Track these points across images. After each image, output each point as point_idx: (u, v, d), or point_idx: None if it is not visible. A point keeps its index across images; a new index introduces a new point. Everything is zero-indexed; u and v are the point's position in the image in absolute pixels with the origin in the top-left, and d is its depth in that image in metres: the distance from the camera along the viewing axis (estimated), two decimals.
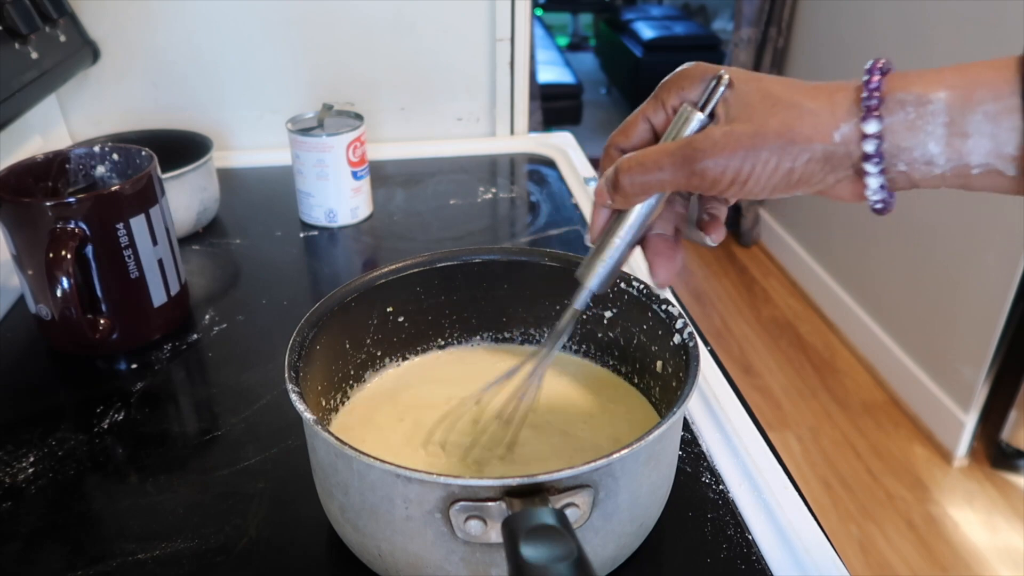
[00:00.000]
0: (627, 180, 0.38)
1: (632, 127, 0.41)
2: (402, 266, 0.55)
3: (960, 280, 1.73)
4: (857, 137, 0.34)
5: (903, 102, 0.33)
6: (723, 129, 0.36)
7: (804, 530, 0.48)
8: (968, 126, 0.32)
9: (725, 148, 0.35)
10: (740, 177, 0.35)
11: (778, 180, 0.35)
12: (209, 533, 0.48)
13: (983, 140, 0.32)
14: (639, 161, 0.38)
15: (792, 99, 0.35)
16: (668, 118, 0.39)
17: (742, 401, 0.60)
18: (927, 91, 0.33)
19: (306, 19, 0.99)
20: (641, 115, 0.40)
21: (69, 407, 0.60)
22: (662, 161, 0.37)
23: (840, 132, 0.34)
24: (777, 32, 2.36)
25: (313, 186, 0.84)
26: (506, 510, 0.36)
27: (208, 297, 0.74)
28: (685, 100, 0.39)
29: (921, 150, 0.33)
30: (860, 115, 0.33)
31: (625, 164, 0.38)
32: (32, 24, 0.79)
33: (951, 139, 0.32)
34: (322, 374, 0.50)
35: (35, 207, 0.59)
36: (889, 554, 1.56)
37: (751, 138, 0.35)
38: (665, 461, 0.44)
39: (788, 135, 0.34)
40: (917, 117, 0.33)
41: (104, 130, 0.91)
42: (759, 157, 0.35)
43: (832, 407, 1.96)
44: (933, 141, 0.33)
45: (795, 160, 0.35)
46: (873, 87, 0.33)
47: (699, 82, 0.38)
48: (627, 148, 0.41)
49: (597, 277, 0.42)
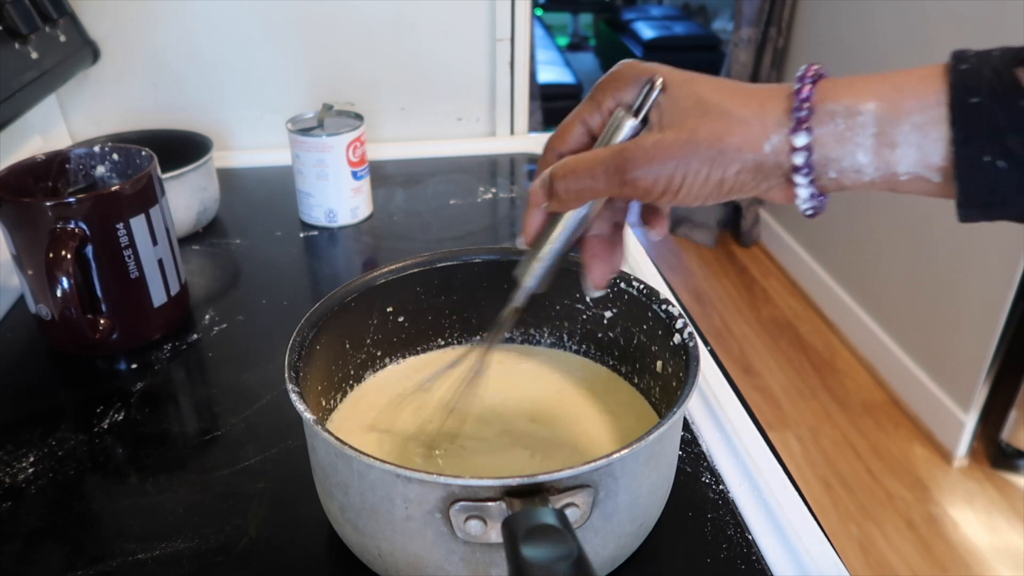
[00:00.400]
0: (561, 186, 0.38)
1: (568, 130, 0.40)
2: (402, 266, 0.55)
3: (960, 280, 1.73)
4: (787, 148, 0.33)
5: (833, 113, 0.33)
6: (654, 138, 0.35)
7: (804, 530, 0.48)
8: (896, 137, 0.32)
9: (655, 158, 0.35)
10: (672, 186, 0.35)
11: (710, 189, 0.35)
12: (209, 533, 0.48)
13: (910, 150, 0.32)
14: (572, 168, 0.37)
15: (724, 106, 0.34)
16: (604, 121, 0.39)
17: (742, 401, 0.60)
18: (856, 102, 0.33)
19: (306, 19, 0.99)
20: (577, 118, 0.40)
21: (69, 407, 0.60)
22: (595, 169, 0.37)
23: (770, 143, 0.34)
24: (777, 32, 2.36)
25: (313, 186, 0.84)
26: (506, 510, 0.36)
27: (208, 297, 0.74)
28: (620, 102, 0.38)
29: (850, 160, 0.33)
30: (790, 127, 0.33)
31: (560, 171, 0.38)
32: (32, 24, 0.79)
33: (879, 149, 0.33)
34: (322, 374, 0.50)
35: (35, 207, 0.59)
36: (889, 554, 1.56)
37: (681, 147, 0.34)
38: (665, 461, 0.44)
39: (718, 145, 0.34)
40: (846, 128, 0.33)
41: (104, 130, 0.91)
42: (690, 167, 0.34)
43: (832, 407, 1.96)
44: (862, 151, 0.33)
45: (725, 170, 0.34)
46: (803, 97, 0.33)
47: (633, 84, 0.38)
48: (564, 151, 0.40)
49: (534, 277, 0.42)
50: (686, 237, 2.73)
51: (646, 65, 0.38)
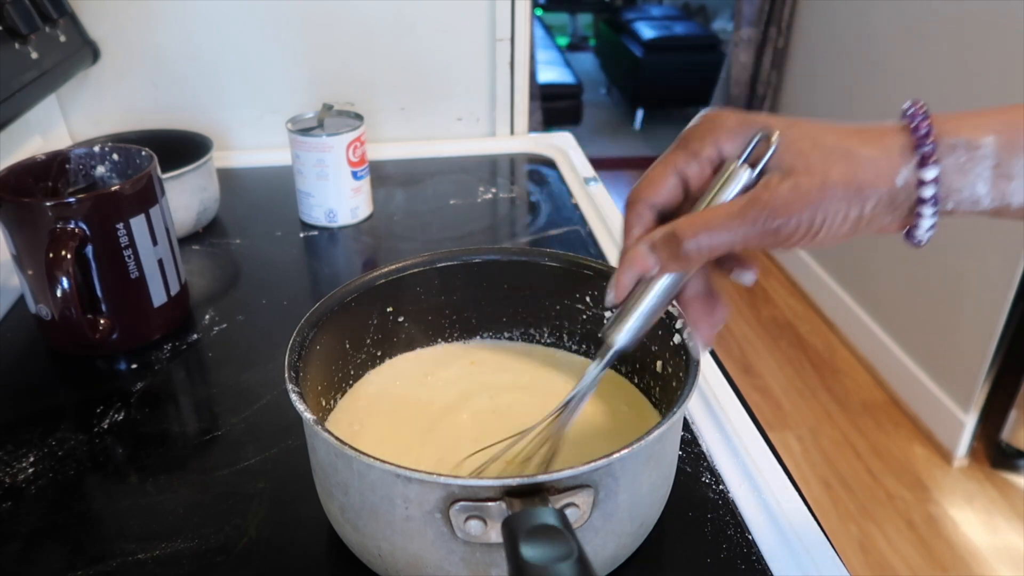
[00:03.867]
0: (693, 245, 0.36)
1: (660, 180, 0.39)
2: (402, 266, 0.54)
3: (960, 280, 1.73)
4: (916, 182, 0.35)
5: (954, 147, 0.34)
6: (789, 184, 0.35)
7: (804, 530, 0.48)
8: (1013, 169, 0.34)
9: (795, 203, 0.35)
10: (812, 230, 0.36)
11: (848, 228, 0.36)
12: (209, 533, 0.48)
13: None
14: (706, 226, 0.36)
15: (845, 146, 0.35)
16: (703, 171, 0.38)
17: (742, 401, 0.60)
18: (976, 136, 0.34)
19: (306, 19, 0.99)
20: (670, 167, 0.39)
21: (69, 407, 0.60)
22: (731, 223, 0.36)
23: (901, 176, 0.35)
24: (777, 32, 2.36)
25: (313, 186, 0.84)
26: (506, 510, 0.36)
27: (208, 297, 0.74)
28: (722, 152, 0.38)
29: (970, 191, 0.35)
30: (917, 161, 0.35)
31: (688, 229, 0.36)
32: (32, 24, 0.79)
33: (997, 180, 0.35)
34: (322, 374, 0.50)
35: (35, 207, 0.59)
36: (889, 554, 1.56)
37: (819, 191, 0.35)
38: (665, 461, 0.44)
39: (854, 184, 0.35)
40: (967, 161, 0.34)
41: (104, 130, 0.91)
42: (829, 209, 0.35)
43: (832, 407, 1.96)
44: (981, 182, 0.35)
45: (863, 207, 0.35)
46: (923, 133, 0.35)
47: (736, 134, 0.37)
48: (656, 202, 0.39)
49: (629, 336, 0.41)
50: None
51: (745, 114, 0.38)
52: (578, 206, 0.90)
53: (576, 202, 0.91)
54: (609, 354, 0.42)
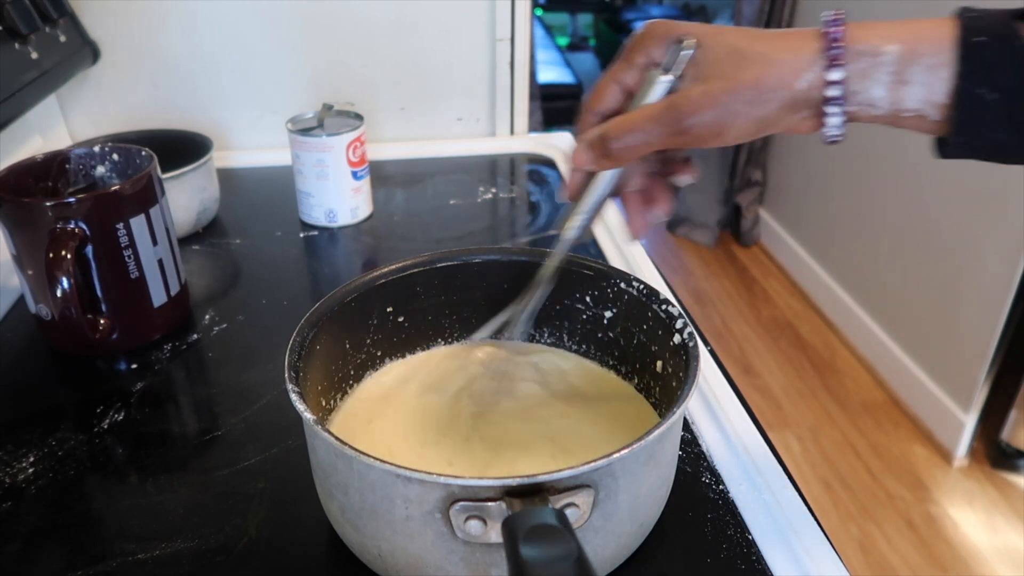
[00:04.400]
0: (616, 144, 0.40)
1: (604, 89, 0.43)
2: (402, 266, 0.54)
3: (960, 280, 1.73)
4: (820, 83, 0.38)
5: (861, 53, 0.37)
6: (700, 88, 0.39)
7: (804, 530, 0.48)
8: (910, 76, 0.37)
9: (705, 106, 0.38)
10: (719, 129, 0.39)
11: (752, 127, 0.39)
12: (209, 533, 0.48)
13: (919, 88, 0.37)
14: (628, 127, 0.40)
15: (758, 51, 0.38)
16: (639, 78, 0.42)
17: (742, 401, 0.60)
18: (881, 44, 0.37)
19: (306, 19, 0.99)
20: (612, 77, 0.43)
21: (69, 407, 0.60)
22: (648, 124, 0.40)
23: (804, 80, 0.38)
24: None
25: (313, 186, 0.84)
26: (506, 510, 0.36)
27: (208, 297, 0.74)
28: (652, 59, 0.41)
29: (866, 94, 0.38)
30: (824, 64, 0.37)
31: (614, 130, 0.41)
32: (32, 24, 0.79)
33: (894, 86, 0.37)
34: (322, 374, 0.50)
35: (35, 207, 0.59)
36: (889, 554, 1.56)
37: (727, 93, 0.38)
38: (665, 461, 0.44)
39: (758, 87, 0.38)
40: (870, 67, 0.37)
41: (104, 130, 0.91)
42: (737, 110, 0.38)
43: (832, 407, 1.96)
44: (879, 87, 0.37)
45: (766, 108, 0.38)
46: (835, 37, 0.37)
47: (664, 42, 0.41)
48: (602, 110, 0.43)
49: (577, 228, 0.46)
50: (686, 237, 2.73)
51: (674, 24, 0.41)
52: None
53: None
54: (562, 244, 0.47)
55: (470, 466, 0.48)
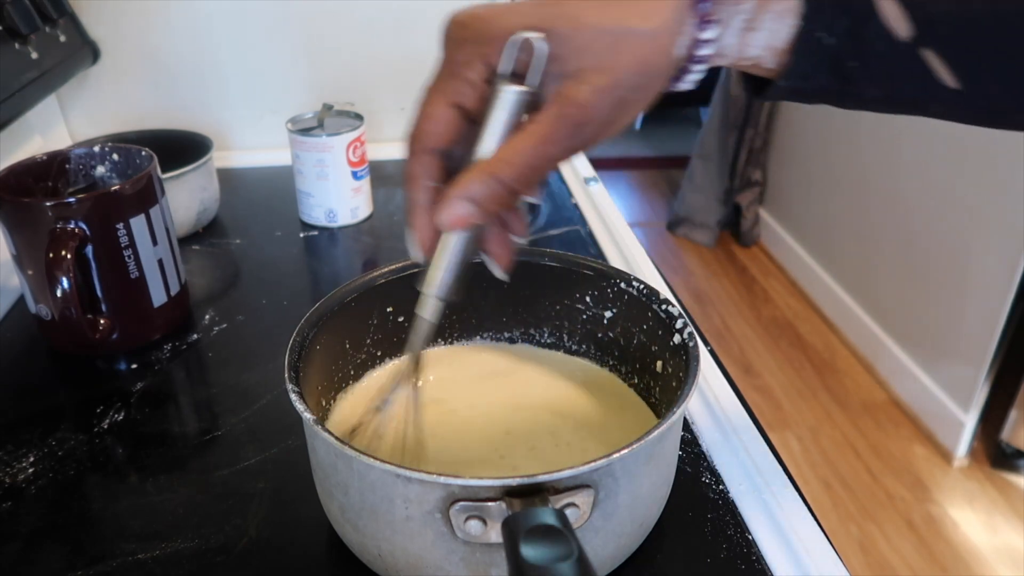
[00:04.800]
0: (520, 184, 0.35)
1: (435, 119, 0.36)
2: (402, 266, 0.54)
3: (960, 280, 1.73)
4: (694, 44, 0.36)
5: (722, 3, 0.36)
6: (585, 89, 0.34)
7: (804, 530, 0.48)
8: (758, 23, 0.36)
9: (597, 106, 0.34)
10: (613, 123, 0.36)
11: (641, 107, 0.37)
12: (209, 533, 0.48)
13: (764, 35, 0.37)
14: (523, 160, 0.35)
15: (626, 26, 0.34)
16: (477, 90, 0.35)
17: (742, 401, 0.60)
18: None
19: (306, 19, 0.99)
20: (441, 100, 0.36)
21: (69, 407, 0.60)
22: (545, 148, 0.34)
23: (680, 45, 0.36)
24: None
25: (313, 186, 0.84)
26: (506, 510, 0.36)
27: (208, 297, 0.74)
28: (491, 66, 0.35)
29: (721, 43, 0.37)
30: (696, 21, 0.36)
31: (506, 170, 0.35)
32: (32, 24, 0.79)
33: (744, 33, 0.37)
34: (322, 374, 0.50)
35: (35, 207, 0.59)
36: (889, 554, 1.56)
37: (615, 87, 0.34)
38: (665, 461, 0.44)
39: (644, 68, 0.35)
40: (729, 16, 0.36)
41: (104, 130, 0.91)
42: (628, 98, 0.35)
43: (832, 407, 1.96)
44: (732, 34, 0.37)
45: (653, 86, 0.36)
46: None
47: (499, 42, 0.34)
48: (440, 145, 0.37)
49: (444, 287, 0.40)
50: (686, 237, 2.73)
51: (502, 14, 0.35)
52: (578, 206, 0.90)
53: (576, 202, 0.91)
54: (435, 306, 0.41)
55: (470, 466, 0.48)
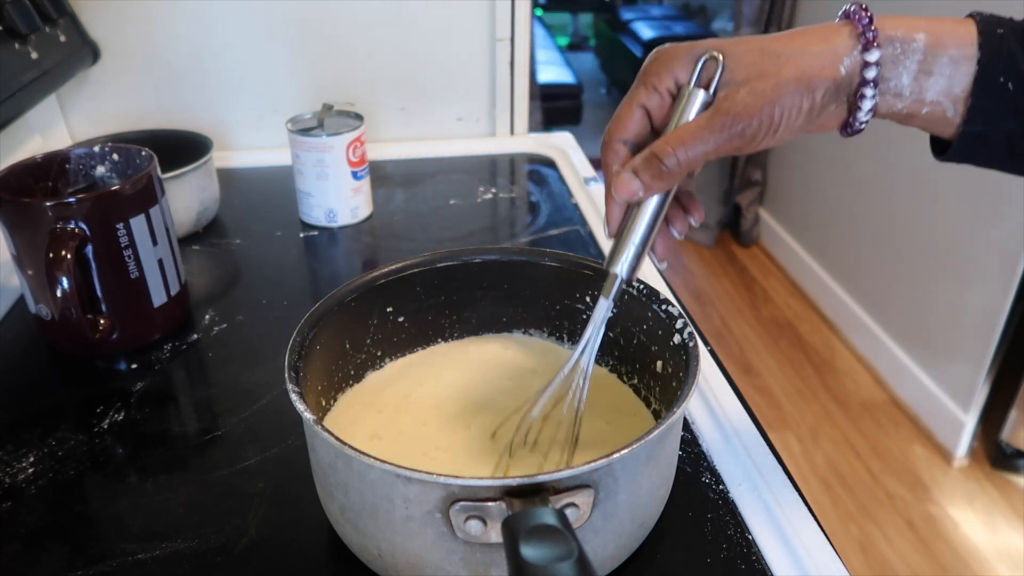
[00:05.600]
0: (672, 160, 0.40)
1: (628, 117, 0.42)
2: (402, 266, 0.55)
3: (960, 280, 1.73)
4: (859, 66, 0.39)
5: (892, 39, 0.39)
6: (746, 89, 0.39)
7: (804, 530, 0.48)
8: (934, 66, 0.39)
9: (754, 104, 0.39)
10: (773, 126, 0.39)
11: (803, 119, 0.40)
12: (209, 533, 0.48)
13: (942, 79, 0.39)
14: (679, 141, 0.40)
15: (793, 49, 0.39)
16: (663, 101, 0.42)
17: (742, 401, 0.60)
18: (910, 32, 0.39)
19: (306, 19, 0.99)
20: (634, 104, 0.42)
21: (69, 407, 0.60)
22: (702, 134, 0.39)
23: (845, 65, 0.39)
24: (777, 32, 2.36)
25: (313, 186, 0.84)
26: (506, 510, 0.36)
27: (208, 297, 0.74)
28: (677, 81, 0.41)
29: (896, 81, 0.39)
30: (860, 47, 0.38)
31: (666, 147, 0.40)
32: (32, 24, 0.79)
33: (919, 75, 0.39)
34: (322, 374, 0.50)
35: (35, 207, 0.59)
36: (889, 554, 1.56)
37: (774, 89, 0.39)
38: (665, 461, 0.44)
39: (804, 77, 0.39)
40: (901, 53, 0.39)
41: (104, 130, 0.91)
42: (785, 103, 0.39)
43: (832, 407, 1.96)
44: (907, 75, 0.39)
45: (814, 97, 0.39)
46: (866, 23, 0.38)
47: (686, 62, 0.41)
48: (627, 138, 0.42)
49: (629, 264, 0.44)
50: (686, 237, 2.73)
51: (692, 44, 0.41)
52: (578, 206, 0.90)
53: (576, 202, 0.91)
54: (616, 284, 0.45)
55: (470, 466, 0.48)
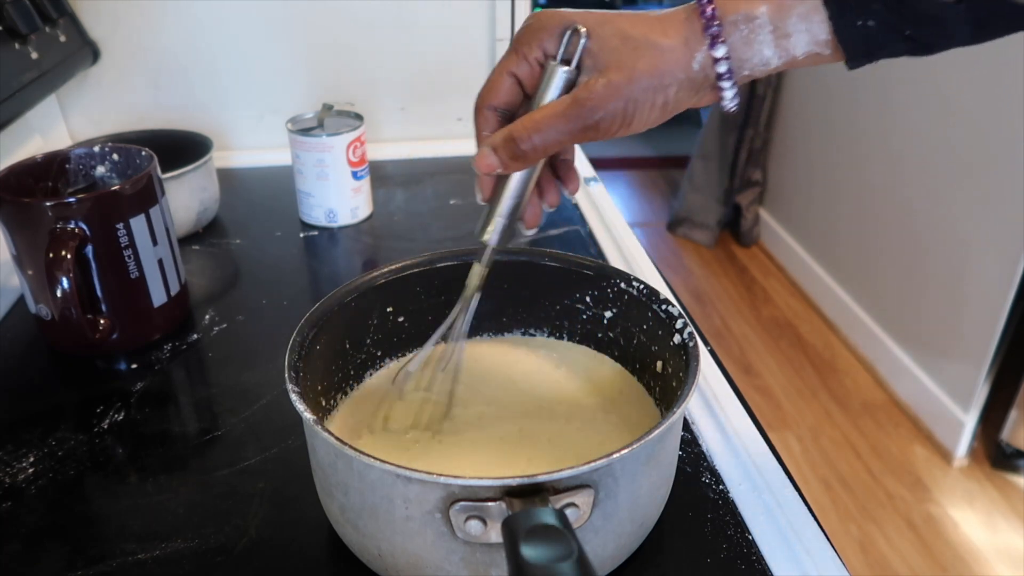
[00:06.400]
0: (527, 145, 0.41)
1: (498, 84, 0.43)
2: (402, 266, 0.55)
3: (960, 280, 1.73)
4: (711, 62, 0.39)
5: (736, 23, 0.39)
6: (602, 81, 0.40)
7: (804, 530, 0.48)
8: (788, 28, 0.39)
9: (609, 98, 0.39)
10: (626, 120, 0.40)
11: (657, 113, 0.40)
12: (209, 533, 0.48)
13: (802, 36, 0.39)
14: (534, 127, 0.41)
15: (649, 39, 0.40)
16: (532, 70, 0.43)
17: (742, 401, 0.60)
18: (751, 8, 0.39)
19: (306, 19, 0.99)
20: (504, 71, 0.43)
21: (69, 407, 0.60)
22: (556, 122, 0.40)
23: (696, 61, 0.39)
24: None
25: (313, 186, 0.84)
26: (506, 510, 0.36)
27: (208, 297, 0.74)
28: (545, 51, 0.42)
29: (759, 57, 0.40)
30: (708, 43, 0.39)
31: (522, 132, 0.41)
32: (32, 24, 0.79)
33: (778, 41, 0.39)
34: (322, 374, 0.50)
35: (35, 207, 0.59)
36: (889, 554, 1.56)
37: (628, 85, 0.39)
38: (665, 461, 0.44)
39: (657, 74, 0.39)
40: (749, 32, 0.39)
41: (104, 130, 0.91)
42: (639, 99, 0.40)
43: (832, 407, 1.96)
44: (766, 47, 0.39)
45: (667, 93, 0.40)
46: (709, 16, 0.39)
47: (556, 33, 0.41)
48: (497, 104, 0.43)
49: (498, 232, 0.46)
50: (686, 237, 2.73)
51: (563, 13, 0.42)
52: (578, 206, 0.90)
53: (576, 202, 0.91)
54: (487, 252, 0.47)
55: (470, 466, 0.48)
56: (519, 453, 0.49)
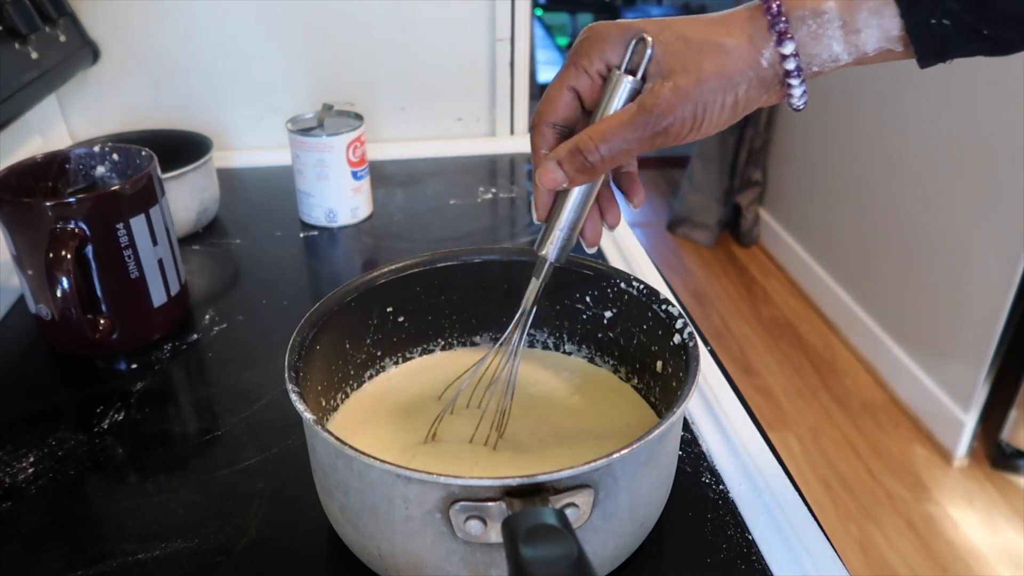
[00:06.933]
0: (595, 156, 0.40)
1: (557, 99, 0.42)
2: (402, 266, 0.54)
3: (960, 280, 1.73)
4: (778, 58, 0.39)
5: (803, 18, 0.38)
6: (668, 85, 0.39)
7: (804, 530, 0.48)
8: (858, 23, 0.38)
9: (678, 103, 0.39)
10: (696, 122, 0.39)
11: (728, 114, 0.40)
12: (209, 533, 0.48)
13: (873, 31, 0.38)
14: (602, 137, 0.40)
15: (712, 40, 0.39)
16: (594, 83, 0.42)
17: (742, 401, 0.60)
18: (819, 3, 0.38)
19: (306, 19, 0.99)
20: (564, 85, 0.42)
21: (69, 407, 0.60)
22: (623, 131, 0.39)
23: (764, 58, 0.39)
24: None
25: (313, 186, 0.84)
26: (506, 510, 0.36)
27: (208, 297, 0.74)
28: (607, 63, 0.41)
29: (828, 53, 0.39)
30: (775, 40, 0.38)
31: (588, 143, 0.40)
32: (32, 24, 0.79)
33: (848, 36, 0.38)
34: (322, 374, 0.50)
35: (35, 207, 0.59)
36: (889, 554, 1.56)
37: (696, 87, 0.39)
38: (665, 461, 0.44)
39: (725, 74, 0.39)
40: (818, 27, 0.38)
41: (104, 130, 0.91)
42: (708, 100, 0.39)
43: (832, 407, 1.96)
44: (835, 43, 0.39)
45: (737, 92, 0.39)
46: (776, 12, 0.38)
47: (617, 44, 0.41)
48: (556, 120, 0.43)
49: (557, 248, 0.44)
50: (686, 237, 2.73)
51: (622, 23, 0.41)
52: None
53: None
54: (545, 267, 0.46)
55: (470, 466, 0.48)
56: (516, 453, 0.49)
